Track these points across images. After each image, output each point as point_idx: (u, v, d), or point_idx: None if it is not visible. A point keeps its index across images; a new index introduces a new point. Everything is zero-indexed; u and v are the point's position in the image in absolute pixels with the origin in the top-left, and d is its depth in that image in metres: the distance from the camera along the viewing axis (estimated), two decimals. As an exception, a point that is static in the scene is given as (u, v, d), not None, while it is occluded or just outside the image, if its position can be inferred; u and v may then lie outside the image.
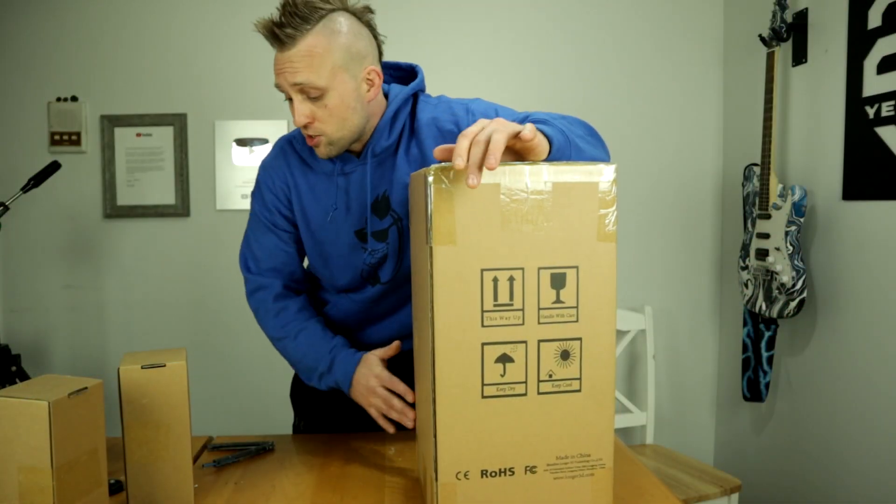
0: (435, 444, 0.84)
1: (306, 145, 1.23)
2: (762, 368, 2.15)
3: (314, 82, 1.06)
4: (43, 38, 2.44)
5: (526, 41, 2.50)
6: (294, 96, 1.08)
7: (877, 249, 1.78)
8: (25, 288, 2.51)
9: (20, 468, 0.83)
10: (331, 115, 1.10)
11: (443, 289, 0.82)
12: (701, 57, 2.53)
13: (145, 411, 0.95)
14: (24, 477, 0.83)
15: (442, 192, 0.81)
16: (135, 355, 1.01)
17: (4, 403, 0.83)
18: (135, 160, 2.48)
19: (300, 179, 1.24)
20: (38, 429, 0.82)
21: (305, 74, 1.06)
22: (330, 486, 1.08)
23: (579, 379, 0.86)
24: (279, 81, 1.08)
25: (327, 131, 1.11)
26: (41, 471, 0.83)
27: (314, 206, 1.23)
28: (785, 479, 2.18)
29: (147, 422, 0.95)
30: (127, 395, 0.94)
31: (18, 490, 0.83)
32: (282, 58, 1.06)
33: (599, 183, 0.84)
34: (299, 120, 1.09)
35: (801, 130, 2.06)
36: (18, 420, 0.83)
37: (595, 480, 0.89)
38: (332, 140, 1.12)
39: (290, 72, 1.06)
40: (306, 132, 1.11)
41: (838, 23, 1.87)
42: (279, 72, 1.08)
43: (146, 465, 0.95)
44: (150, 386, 0.95)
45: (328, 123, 1.10)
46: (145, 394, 0.95)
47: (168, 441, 0.96)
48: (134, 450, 0.95)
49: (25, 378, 2.11)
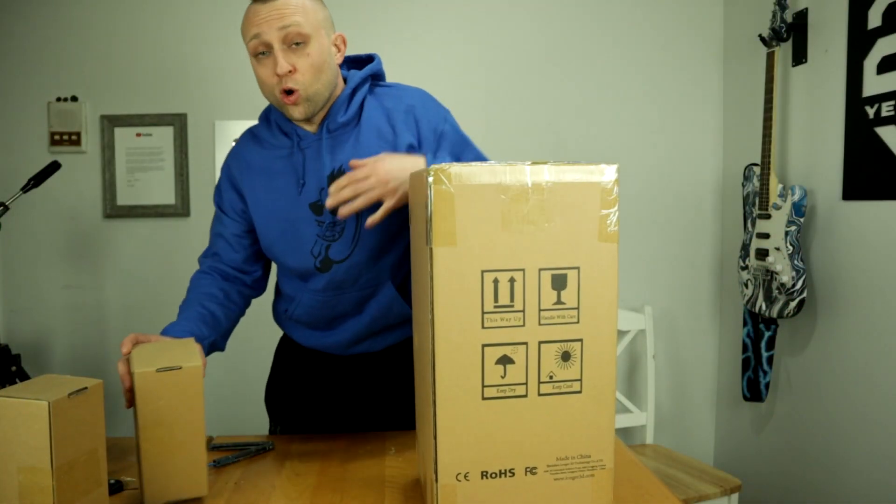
0: (435, 445, 0.84)
1: (264, 125, 1.28)
2: (762, 368, 2.15)
3: (301, 25, 1.12)
4: (43, 38, 2.44)
5: (526, 41, 2.50)
6: (276, 45, 1.12)
7: (877, 249, 1.78)
8: (25, 288, 2.51)
9: (20, 468, 0.83)
10: (311, 66, 1.14)
11: (443, 290, 0.82)
12: (701, 57, 2.53)
13: (161, 413, 0.95)
14: (24, 477, 0.83)
15: (442, 192, 0.80)
16: (145, 351, 1.00)
17: (4, 403, 0.83)
18: (135, 160, 2.48)
19: (255, 159, 1.27)
20: (38, 429, 0.82)
21: (293, 18, 1.11)
22: (330, 486, 1.08)
23: (580, 380, 0.86)
24: (261, 30, 1.11)
25: (306, 82, 1.14)
26: (41, 471, 0.83)
27: (268, 183, 1.25)
28: (785, 479, 2.18)
29: (162, 422, 0.95)
30: (142, 399, 0.94)
31: (18, 490, 0.83)
32: (267, 7, 1.11)
33: (601, 183, 0.84)
34: (282, 67, 1.11)
35: (801, 130, 2.06)
36: (18, 420, 0.83)
37: (595, 481, 0.89)
38: (308, 95, 1.16)
39: (278, 17, 1.11)
40: (286, 85, 1.14)
41: (838, 23, 1.87)
42: (263, 20, 1.11)
43: (162, 463, 0.95)
44: (166, 389, 0.94)
45: (307, 73, 1.14)
46: (161, 396, 0.94)
47: (184, 439, 0.96)
48: (149, 449, 0.95)
49: (25, 378, 2.11)
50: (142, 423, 0.94)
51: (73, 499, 0.86)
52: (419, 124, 1.24)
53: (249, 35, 1.14)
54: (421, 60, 2.48)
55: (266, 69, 1.15)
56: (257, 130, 1.30)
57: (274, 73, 1.14)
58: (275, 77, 1.14)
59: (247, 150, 1.30)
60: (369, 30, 2.46)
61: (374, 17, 2.46)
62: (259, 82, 1.18)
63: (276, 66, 1.12)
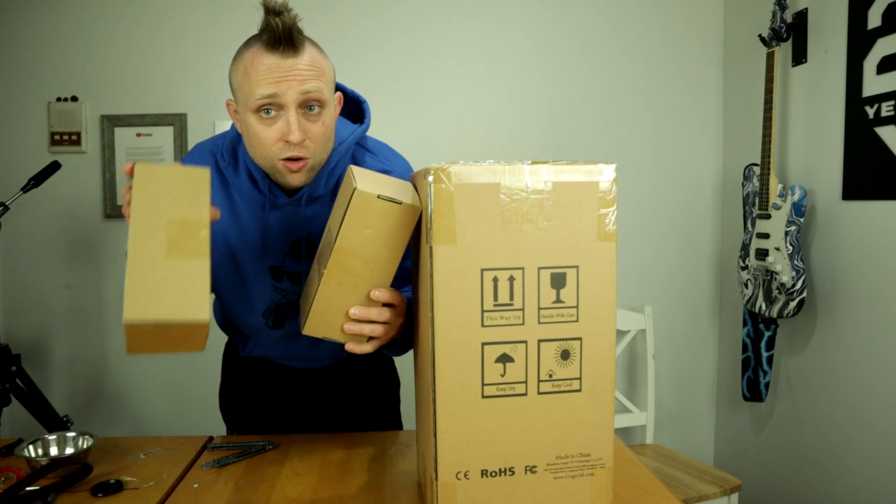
0: (435, 443, 0.84)
1: (230, 165, 1.15)
2: (762, 368, 2.15)
3: (322, 92, 1.01)
4: (43, 38, 2.45)
5: (525, 41, 2.50)
6: (291, 109, 0.99)
7: (877, 249, 1.78)
8: (25, 288, 2.51)
9: (170, 221, 0.86)
10: (324, 134, 1.04)
11: (443, 288, 0.82)
12: (701, 57, 2.53)
13: (363, 242, 0.88)
14: (173, 229, 0.85)
15: (442, 191, 0.81)
16: (365, 174, 0.92)
17: (162, 168, 0.90)
18: (135, 160, 2.47)
19: (219, 197, 1.16)
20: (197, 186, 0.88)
21: (316, 83, 1.00)
22: (330, 486, 1.08)
23: (579, 379, 0.86)
24: (277, 90, 0.98)
25: (316, 151, 1.04)
26: (196, 221, 0.87)
27: (236, 230, 1.16)
28: (785, 479, 2.18)
29: (358, 252, 0.89)
30: (352, 220, 0.87)
31: (167, 241, 0.85)
32: (286, 64, 0.98)
33: (600, 182, 0.84)
34: (297, 135, 0.99)
35: (801, 130, 2.06)
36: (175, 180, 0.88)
37: (595, 480, 0.89)
38: (314, 164, 1.06)
39: (300, 79, 0.98)
40: (296, 153, 1.02)
41: (838, 23, 1.87)
42: (281, 78, 0.98)
43: (338, 293, 0.91)
44: (378, 219, 0.87)
45: (319, 143, 1.04)
46: (370, 225, 0.88)
47: (371, 279, 0.91)
48: (334, 275, 0.89)
49: (26, 378, 2.10)
50: (339, 244, 0.88)
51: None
52: None
53: (259, 92, 0.98)
54: (421, 60, 2.48)
55: (271, 131, 1.01)
56: (222, 165, 1.16)
57: (280, 138, 1.01)
58: (280, 142, 1.01)
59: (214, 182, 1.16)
60: (369, 30, 2.46)
61: (373, 17, 2.47)
62: (255, 142, 1.03)
63: (289, 132, 0.99)
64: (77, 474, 1.05)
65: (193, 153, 1.21)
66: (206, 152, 1.19)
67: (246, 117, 1.02)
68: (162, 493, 1.04)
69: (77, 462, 1.07)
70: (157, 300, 0.82)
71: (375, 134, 1.31)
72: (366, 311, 0.94)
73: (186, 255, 0.85)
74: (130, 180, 0.90)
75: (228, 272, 1.20)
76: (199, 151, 1.20)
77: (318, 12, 2.45)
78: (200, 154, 1.20)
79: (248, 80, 0.99)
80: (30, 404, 2.10)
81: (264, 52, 0.98)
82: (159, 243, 0.84)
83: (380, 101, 2.47)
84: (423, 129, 2.51)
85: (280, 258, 1.17)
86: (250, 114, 1.01)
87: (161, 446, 1.25)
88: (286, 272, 1.18)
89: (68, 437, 1.18)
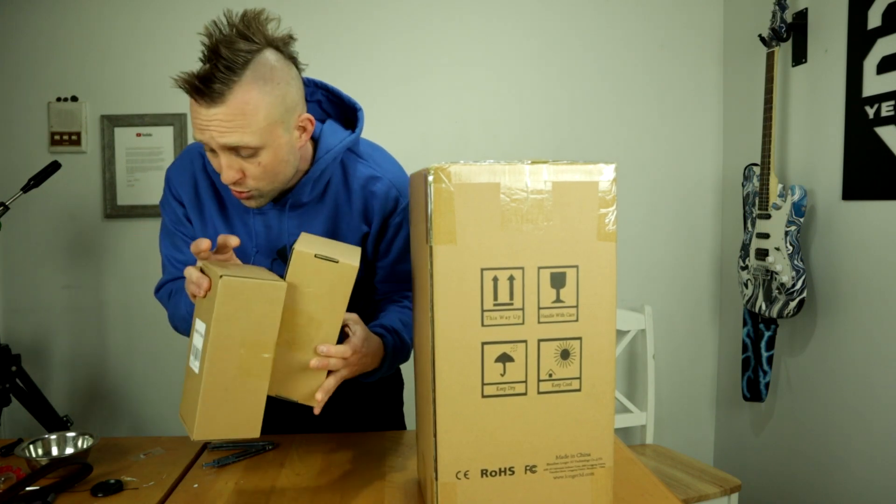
0: (435, 443, 0.84)
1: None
2: (762, 368, 2.15)
3: (248, 143, 0.96)
4: (43, 38, 2.44)
5: (526, 41, 2.50)
6: (220, 153, 0.97)
7: (877, 249, 1.78)
8: (25, 288, 2.51)
9: (244, 343, 0.87)
10: (264, 172, 1.01)
11: (443, 288, 0.82)
12: (701, 57, 2.53)
13: (304, 300, 0.91)
14: (245, 351, 0.87)
15: (442, 191, 0.81)
16: (311, 239, 0.96)
17: (242, 284, 0.86)
18: (135, 160, 2.48)
19: (211, 200, 1.16)
20: (271, 309, 0.87)
21: (238, 135, 0.94)
22: (330, 486, 1.08)
23: (579, 378, 0.86)
24: (203, 138, 0.96)
25: (259, 186, 1.03)
26: (265, 344, 0.88)
27: (227, 232, 1.17)
28: (785, 479, 2.18)
29: (302, 311, 0.91)
30: (292, 278, 0.90)
31: (238, 364, 0.87)
32: (207, 114, 0.93)
33: (599, 182, 0.84)
34: (228, 177, 0.98)
35: (801, 130, 2.06)
36: (253, 299, 0.86)
37: (595, 480, 0.89)
38: (262, 193, 1.05)
39: (219, 131, 0.94)
40: (235, 188, 1.02)
41: (838, 23, 1.87)
42: (202, 128, 0.95)
43: (287, 352, 0.92)
44: (318, 277, 0.91)
45: (261, 180, 1.02)
46: (310, 283, 0.91)
47: (317, 336, 0.93)
48: (282, 332, 0.90)
49: (26, 378, 2.10)
50: (284, 304, 0.90)
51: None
52: (373, 214, 1.17)
53: (194, 128, 0.97)
54: (421, 61, 2.48)
55: (215, 161, 1.00)
56: (211, 170, 1.15)
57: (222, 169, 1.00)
58: (223, 172, 1.00)
59: (202, 186, 1.17)
60: (369, 30, 2.46)
61: (374, 17, 2.47)
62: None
63: (222, 172, 0.99)
64: (77, 474, 1.05)
65: (184, 157, 1.20)
66: (195, 156, 1.18)
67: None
68: (162, 493, 1.04)
69: (77, 462, 1.07)
70: (221, 421, 0.88)
71: (375, 134, 1.31)
72: (327, 388, 0.94)
73: (251, 376, 0.89)
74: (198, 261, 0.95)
75: None
76: (189, 154, 1.20)
77: (319, 12, 2.45)
78: (191, 158, 1.19)
79: (191, 116, 0.98)
80: (30, 404, 2.10)
81: (193, 97, 0.95)
82: (232, 366, 0.87)
83: (380, 101, 2.47)
84: (423, 129, 2.51)
85: (268, 262, 1.17)
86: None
87: (161, 446, 1.25)
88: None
89: (68, 437, 1.18)
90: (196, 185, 1.17)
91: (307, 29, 2.44)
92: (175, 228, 1.21)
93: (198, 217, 1.18)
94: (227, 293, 0.85)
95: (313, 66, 1.21)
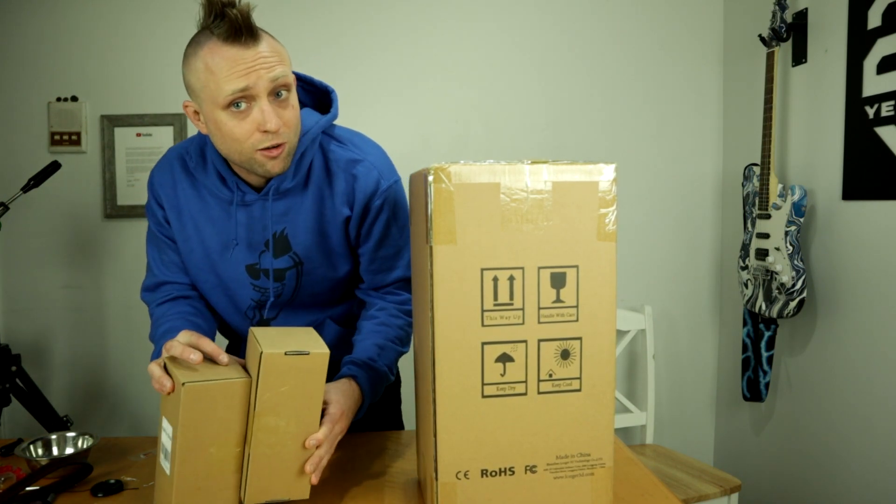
0: (435, 443, 0.84)
1: (199, 165, 1.14)
2: (762, 368, 2.15)
3: (288, 76, 1.01)
4: (43, 38, 2.45)
5: (526, 41, 2.50)
6: (261, 98, 0.98)
7: (877, 249, 1.78)
8: (25, 288, 2.51)
9: (213, 442, 0.86)
10: (295, 117, 1.04)
11: (443, 288, 0.82)
12: (701, 57, 2.53)
13: (282, 399, 0.89)
14: (216, 450, 0.87)
15: (442, 191, 0.81)
16: (266, 334, 0.93)
17: (204, 388, 0.84)
18: (135, 160, 2.48)
19: (190, 198, 1.16)
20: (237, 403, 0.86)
21: (281, 68, 0.99)
22: (330, 486, 1.08)
23: (579, 378, 0.86)
24: (248, 82, 0.96)
25: (290, 135, 1.04)
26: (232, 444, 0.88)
27: (210, 229, 1.16)
28: (785, 479, 2.18)
29: (280, 410, 0.89)
30: (266, 382, 0.87)
31: (207, 463, 0.86)
32: (250, 54, 0.96)
33: (599, 182, 0.84)
34: (274, 122, 0.98)
35: (801, 130, 2.06)
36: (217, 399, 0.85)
37: (595, 480, 0.89)
38: (290, 149, 1.05)
39: (266, 67, 0.97)
40: (273, 140, 1.01)
41: (838, 23, 1.87)
42: (247, 70, 0.96)
43: (271, 455, 0.90)
44: (291, 374, 0.88)
45: (292, 127, 1.04)
46: (285, 381, 0.88)
47: (298, 431, 0.91)
48: (261, 438, 0.89)
49: (26, 378, 2.10)
50: (259, 409, 0.88)
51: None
52: (355, 196, 1.16)
53: (228, 87, 0.96)
54: (421, 61, 2.48)
55: (245, 124, 0.99)
56: (191, 166, 1.16)
57: (255, 129, 1.00)
58: (256, 133, 1.00)
59: (181, 187, 1.17)
60: (369, 30, 2.46)
61: (374, 17, 2.47)
62: (229, 138, 1.01)
63: (265, 122, 0.98)
64: (77, 474, 1.05)
65: (164, 158, 1.21)
66: (174, 157, 1.19)
67: (215, 115, 1.00)
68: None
69: (77, 462, 1.07)
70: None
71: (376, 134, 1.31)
72: (318, 460, 0.93)
73: (223, 472, 0.89)
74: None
75: (209, 275, 1.20)
76: (169, 155, 1.20)
77: (319, 13, 2.45)
78: (170, 159, 1.19)
79: (212, 77, 0.97)
80: (30, 404, 2.10)
81: (224, 46, 0.96)
82: (202, 466, 0.87)
83: (380, 101, 2.47)
84: (423, 129, 2.51)
85: (256, 255, 1.17)
86: (219, 111, 0.99)
87: (161, 446, 1.24)
88: (262, 269, 1.18)
89: (68, 437, 1.18)
90: (175, 186, 1.17)
91: (308, 30, 2.45)
92: (158, 231, 1.22)
93: (176, 218, 1.18)
94: (191, 398, 0.84)
95: (314, 66, 1.22)
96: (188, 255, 1.20)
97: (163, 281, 1.24)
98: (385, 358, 1.15)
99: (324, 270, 1.20)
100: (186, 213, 1.17)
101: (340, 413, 0.99)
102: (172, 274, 1.24)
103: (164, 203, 1.19)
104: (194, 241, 1.18)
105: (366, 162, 1.16)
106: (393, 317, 1.20)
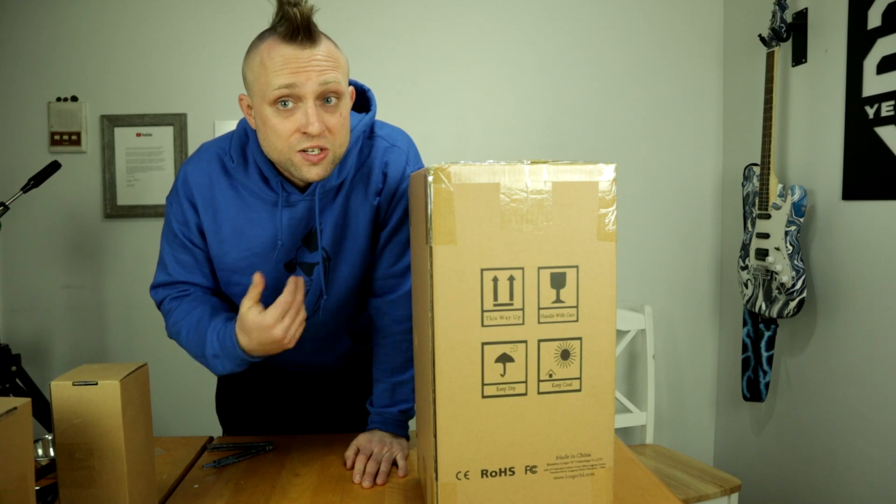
0: (435, 443, 0.84)
1: (240, 165, 1.12)
2: (762, 368, 2.15)
3: (340, 82, 1.00)
4: (43, 38, 2.44)
5: (526, 41, 2.50)
6: (308, 100, 0.98)
7: (877, 249, 1.78)
8: (25, 288, 2.51)
9: None
10: (342, 126, 1.03)
11: (443, 288, 0.82)
12: (701, 57, 2.53)
13: (77, 433, 0.85)
14: None
15: (442, 191, 0.81)
16: (87, 368, 0.91)
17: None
18: (135, 160, 2.48)
19: (229, 199, 1.14)
20: None
21: (333, 73, 0.99)
22: (330, 486, 1.08)
23: (579, 378, 0.86)
24: (296, 80, 0.97)
25: (336, 143, 1.03)
26: None
27: (252, 231, 1.14)
28: (785, 479, 2.18)
29: (79, 445, 0.85)
30: (59, 414, 0.84)
31: None
32: (304, 55, 0.97)
33: (599, 182, 0.84)
34: (316, 126, 0.98)
35: (801, 130, 2.06)
36: None
37: (595, 480, 0.89)
38: (335, 156, 1.04)
39: (318, 70, 0.98)
40: (316, 143, 1.00)
41: (838, 23, 1.87)
42: (300, 69, 0.97)
43: (77, 498, 0.86)
44: (82, 405, 0.84)
45: (338, 135, 1.02)
46: (77, 413, 0.84)
47: (102, 468, 0.86)
48: (65, 477, 0.85)
49: (26, 378, 2.11)
50: (59, 445, 0.85)
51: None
52: (386, 182, 1.16)
53: (276, 82, 0.97)
54: (421, 61, 2.48)
55: (289, 122, 0.99)
56: (230, 167, 1.13)
57: (297, 129, 0.99)
58: (297, 133, 0.99)
59: (219, 187, 1.14)
60: (369, 30, 2.46)
61: (374, 17, 2.47)
62: (272, 134, 1.01)
63: (307, 123, 0.98)
64: (77, 474, 1.04)
65: (200, 156, 1.17)
66: (212, 156, 1.16)
67: (262, 110, 1.01)
68: (162, 494, 1.04)
69: (77, 462, 1.07)
70: None
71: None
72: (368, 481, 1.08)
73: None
74: None
75: (243, 277, 1.15)
76: (206, 153, 1.17)
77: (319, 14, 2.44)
78: (207, 157, 1.16)
79: (264, 72, 0.98)
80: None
81: (281, 44, 0.98)
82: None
83: (380, 101, 2.45)
84: (423, 129, 2.50)
85: (294, 251, 1.15)
86: (266, 106, 1.00)
87: (161, 446, 1.25)
88: (298, 263, 1.16)
89: (68, 437, 1.18)
90: (212, 186, 1.14)
91: (307, 29, 2.44)
92: (179, 231, 1.19)
93: (211, 219, 1.15)
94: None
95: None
96: (221, 258, 1.16)
97: (178, 280, 1.21)
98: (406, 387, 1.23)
99: (348, 268, 1.18)
100: (223, 215, 1.14)
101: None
102: (189, 274, 1.21)
103: (197, 202, 1.15)
104: (229, 244, 1.15)
105: (396, 148, 1.18)
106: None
